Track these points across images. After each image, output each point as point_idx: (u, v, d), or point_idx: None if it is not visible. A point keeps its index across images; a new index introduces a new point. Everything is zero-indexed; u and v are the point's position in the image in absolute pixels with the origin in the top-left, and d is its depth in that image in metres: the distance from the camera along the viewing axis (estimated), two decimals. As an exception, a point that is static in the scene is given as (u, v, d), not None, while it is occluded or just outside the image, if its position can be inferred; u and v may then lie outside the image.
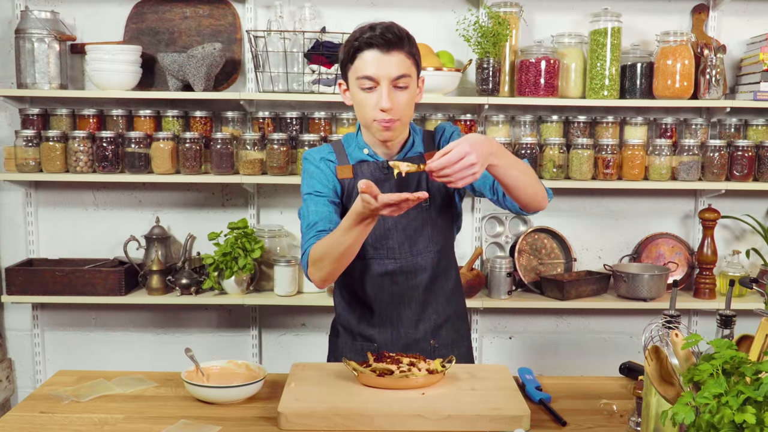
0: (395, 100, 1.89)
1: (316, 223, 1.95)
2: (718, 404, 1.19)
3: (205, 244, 3.40)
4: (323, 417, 1.64)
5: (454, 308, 2.15)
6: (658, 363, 1.38)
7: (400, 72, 1.88)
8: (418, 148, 2.05)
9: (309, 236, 1.94)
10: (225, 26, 3.37)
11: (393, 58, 1.87)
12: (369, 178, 2.00)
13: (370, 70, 1.87)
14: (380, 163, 2.03)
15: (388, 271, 2.04)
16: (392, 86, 1.88)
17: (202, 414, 1.76)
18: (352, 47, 1.90)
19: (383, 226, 2.02)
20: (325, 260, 1.86)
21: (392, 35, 1.87)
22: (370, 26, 1.89)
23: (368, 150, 2.04)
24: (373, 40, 1.86)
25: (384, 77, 1.87)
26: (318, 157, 2.06)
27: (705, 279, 3.34)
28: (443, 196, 2.06)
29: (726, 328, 1.53)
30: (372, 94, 1.90)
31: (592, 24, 3.23)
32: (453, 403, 1.70)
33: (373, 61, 1.87)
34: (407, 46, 1.90)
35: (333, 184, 2.03)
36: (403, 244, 2.03)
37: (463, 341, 2.18)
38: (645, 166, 3.28)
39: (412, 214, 2.01)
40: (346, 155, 2.06)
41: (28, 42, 3.16)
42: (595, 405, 1.85)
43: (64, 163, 3.23)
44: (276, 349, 3.60)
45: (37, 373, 3.56)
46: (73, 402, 1.83)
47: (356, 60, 1.90)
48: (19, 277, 3.23)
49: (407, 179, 2.02)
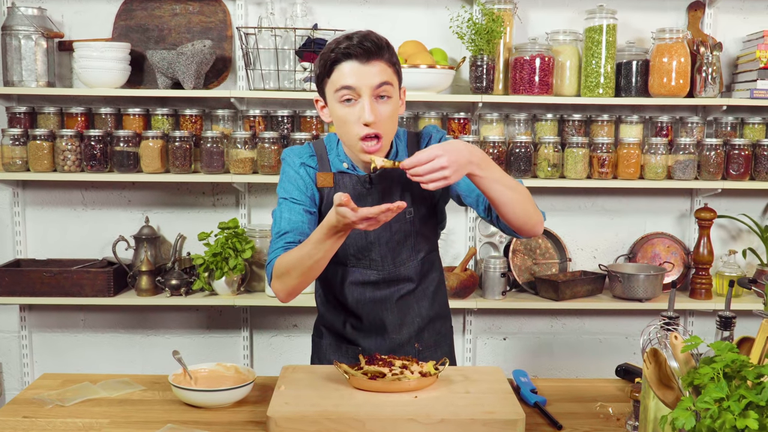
0: (378, 111, 1.78)
1: (287, 233, 1.88)
2: (720, 409, 1.16)
3: (195, 244, 3.36)
4: (313, 421, 1.60)
5: (437, 309, 2.10)
6: (656, 366, 1.34)
7: (381, 79, 1.77)
8: (402, 158, 1.95)
9: (276, 246, 1.87)
10: (215, 23, 3.32)
11: (373, 68, 1.76)
12: (350, 191, 1.91)
13: (349, 80, 1.76)
14: (362, 177, 1.94)
15: (370, 281, 1.99)
16: (374, 97, 1.78)
17: (190, 418, 1.72)
18: (328, 59, 1.78)
19: (365, 239, 1.95)
20: (291, 274, 1.79)
21: (371, 44, 1.76)
22: (347, 36, 1.78)
23: (347, 164, 1.95)
24: (351, 50, 1.75)
25: (365, 87, 1.76)
26: (297, 162, 1.96)
27: (701, 279, 3.31)
28: (427, 206, 1.99)
29: (726, 329, 1.50)
30: (353, 108, 1.79)
31: (587, 21, 3.20)
32: (446, 406, 1.66)
33: (352, 72, 1.76)
34: (387, 55, 1.80)
35: (311, 191, 1.94)
36: (386, 257, 1.97)
37: (445, 340, 2.14)
38: (640, 164, 3.25)
39: (394, 227, 1.94)
40: (328, 161, 1.97)
41: (14, 39, 3.11)
42: (591, 408, 1.82)
43: (52, 162, 3.18)
44: (267, 351, 3.56)
45: (25, 375, 3.51)
46: (57, 406, 1.79)
47: (333, 72, 1.78)
48: (6, 278, 3.18)
49: (389, 191, 1.94)
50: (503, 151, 3.22)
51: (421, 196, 1.96)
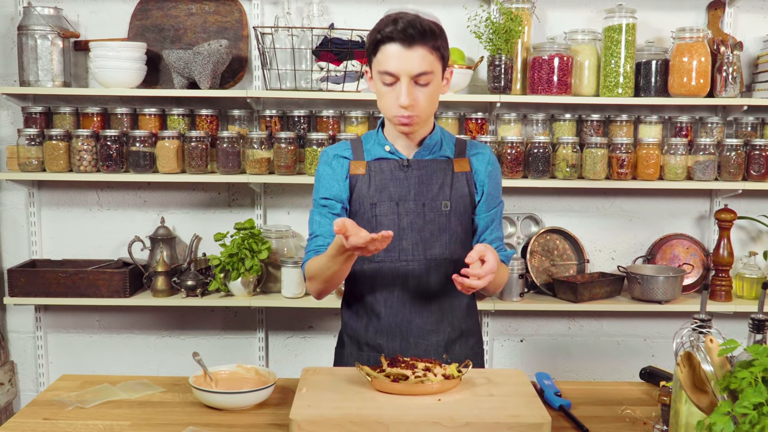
0: (414, 96, 1.85)
1: (317, 236, 1.99)
2: (759, 414, 1.13)
3: (210, 245, 3.35)
4: (336, 424, 1.58)
5: (470, 324, 2.08)
6: (690, 370, 1.31)
7: (420, 69, 1.82)
8: (446, 152, 2.01)
9: (309, 248, 2.00)
10: (231, 23, 3.31)
11: (415, 53, 1.82)
12: (387, 176, 1.97)
13: (390, 66, 1.83)
14: (401, 161, 1.98)
15: (399, 274, 1.97)
16: (413, 82, 1.84)
17: (211, 420, 1.71)
18: (374, 39, 1.86)
19: (398, 226, 1.96)
20: (316, 279, 1.94)
21: (414, 30, 1.81)
22: (394, 19, 1.83)
23: (389, 147, 1.99)
24: (394, 35, 1.81)
25: (404, 73, 1.82)
26: (332, 155, 2.03)
27: (721, 281, 3.28)
28: (464, 205, 2.00)
29: (759, 332, 1.47)
30: (392, 89, 1.86)
31: (606, 20, 3.17)
32: (471, 409, 1.64)
33: (394, 57, 1.82)
34: (431, 41, 1.84)
35: (341, 185, 2.00)
36: (417, 245, 1.96)
37: (477, 359, 2.09)
38: (660, 165, 3.22)
39: (428, 216, 1.96)
40: (362, 151, 2.02)
41: (30, 39, 3.11)
42: (616, 411, 1.80)
43: (68, 163, 3.18)
44: (283, 352, 3.55)
45: (40, 376, 3.51)
46: (78, 408, 1.78)
47: (378, 53, 1.85)
48: (22, 279, 3.18)
49: (428, 179, 1.97)
50: (521, 152, 3.20)
51: (460, 193, 1.99)
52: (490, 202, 2.02)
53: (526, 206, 3.48)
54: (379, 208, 1.96)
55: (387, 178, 1.97)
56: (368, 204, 1.97)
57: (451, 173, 1.98)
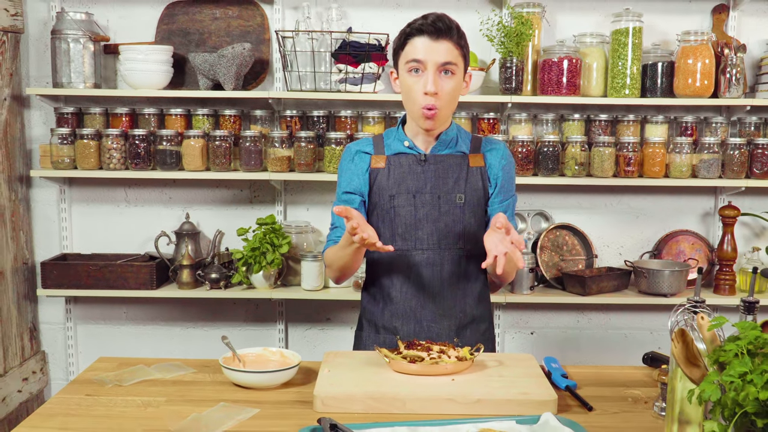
0: (440, 85, 1.98)
1: (337, 227, 2.15)
2: (743, 382, 1.23)
3: (232, 240, 3.48)
4: (357, 400, 1.69)
5: (481, 311, 2.18)
6: (684, 346, 1.43)
7: (447, 59, 1.97)
8: (462, 148, 2.13)
9: (330, 237, 2.17)
10: (254, 27, 3.44)
11: (441, 45, 1.97)
12: (405, 170, 2.09)
13: (418, 54, 1.97)
14: (419, 156, 2.10)
15: (414, 262, 2.10)
16: (438, 72, 1.98)
17: (240, 398, 1.81)
18: (404, 34, 2.01)
19: (414, 216, 2.09)
20: (333, 266, 2.12)
21: (442, 24, 1.97)
22: (423, 16, 1.99)
23: (408, 142, 2.12)
24: (424, 27, 1.97)
25: (431, 62, 1.97)
26: (354, 150, 2.16)
27: (725, 276, 3.37)
28: (479, 198, 2.12)
29: (749, 314, 1.58)
30: (419, 78, 1.99)
31: (614, 24, 3.28)
32: (482, 388, 1.74)
33: (422, 47, 1.97)
34: (456, 37, 1.99)
35: (361, 178, 2.13)
36: (432, 235, 2.09)
37: (488, 344, 2.20)
38: (666, 163, 3.32)
39: (443, 208, 2.08)
40: (383, 146, 2.15)
41: (63, 42, 3.25)
42: (620, 392, 1.89)
43: (98, 161, 3.31)
44: (302, 343, 3.67)
45: (70, 365, 3.64)
46: (116, 386, 1.89)
47: (407, 46, 2.00)
48: (54, 272, 3.31)
49: (443, 173, 2.09)
50: (531, 150, 3.31)
51: (474, 187, 2.10)
52: (503, 194, 2.13)
53: (536, 203, 3.59)
54: (397, 199, 2.09)
55: (405, 172, 2.10)
56: (387, 196, 2.10)
57: (466, 168, 2.10)
